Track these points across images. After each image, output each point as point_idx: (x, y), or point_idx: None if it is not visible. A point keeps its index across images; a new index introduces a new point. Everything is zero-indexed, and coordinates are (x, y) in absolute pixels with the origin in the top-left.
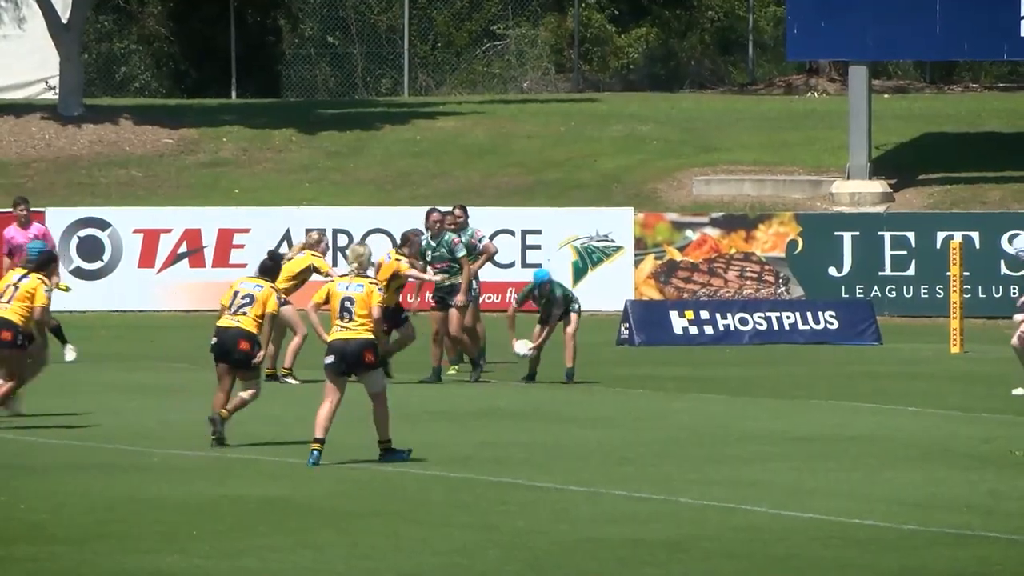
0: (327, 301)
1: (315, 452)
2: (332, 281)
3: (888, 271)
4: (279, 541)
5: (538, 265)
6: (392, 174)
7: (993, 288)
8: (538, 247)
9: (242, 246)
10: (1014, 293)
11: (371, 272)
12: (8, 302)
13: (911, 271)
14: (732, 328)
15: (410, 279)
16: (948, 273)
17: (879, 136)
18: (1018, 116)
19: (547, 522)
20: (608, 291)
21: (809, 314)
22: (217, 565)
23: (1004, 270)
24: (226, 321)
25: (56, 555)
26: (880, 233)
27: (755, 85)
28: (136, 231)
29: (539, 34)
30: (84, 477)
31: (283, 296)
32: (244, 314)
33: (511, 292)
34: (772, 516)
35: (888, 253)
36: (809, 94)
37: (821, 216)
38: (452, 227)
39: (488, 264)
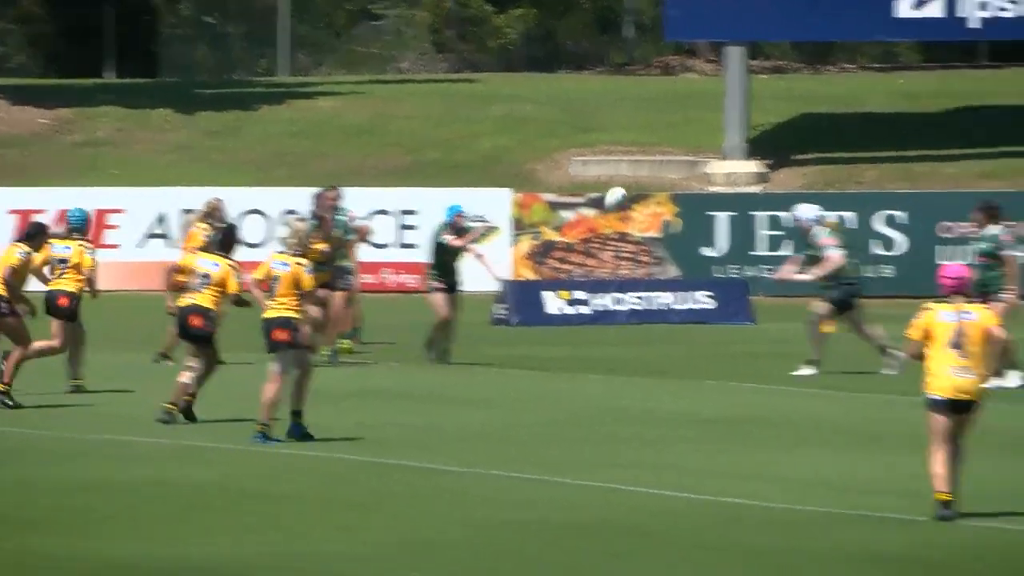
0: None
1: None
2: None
3: (763, 251)
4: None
5: (413, 246)
6: (270, 154)
7: (869, 268)
8: (415, 228)
9: (116, 227)
10: (890, 273)
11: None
12: None
13: (786, 251)
14: (608, 308)
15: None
16: None
17: (756, 117)
18: (894, 96)
19: (474, 506)
20: (485, 271)
21: (684, 294)
22: (153, 551)
23: (878, 249)
24: (184, 300)
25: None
26: (755, 213)
27: (633, 66)
28: (11, 212)
29: (417, 14)
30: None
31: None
32: (200, 291)
33: (385, 273)
34: (687, 500)
35: (763, 233)
36: (687, 75)
37: (697, 196)
38: (330, 206)
39: (363, 245)
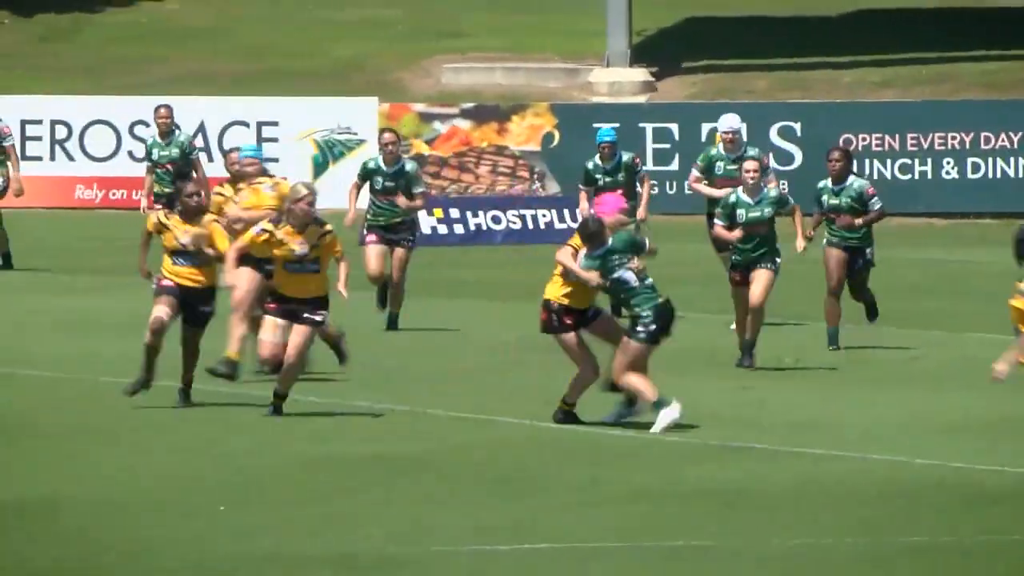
0: None
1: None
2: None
3: (650, 165)
4: None
5: (276, 160)
6: (105, 60)
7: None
8: (275, 140)
9: None
10: (785, 188)
11: None
12: None
13: (674, 165)
14: (484, 227)
15: None
16: None
17: (640, 21)
18: None
19: None
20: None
21: (567, 211)
22: None
23: (773, 164)
24: None
25: None
26: (641, 125)
27: None
28: None
29: None
30: None
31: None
32: None
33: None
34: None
35: (650, 146)
36: None
37: (578, 107)
38: (164, 123)
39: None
